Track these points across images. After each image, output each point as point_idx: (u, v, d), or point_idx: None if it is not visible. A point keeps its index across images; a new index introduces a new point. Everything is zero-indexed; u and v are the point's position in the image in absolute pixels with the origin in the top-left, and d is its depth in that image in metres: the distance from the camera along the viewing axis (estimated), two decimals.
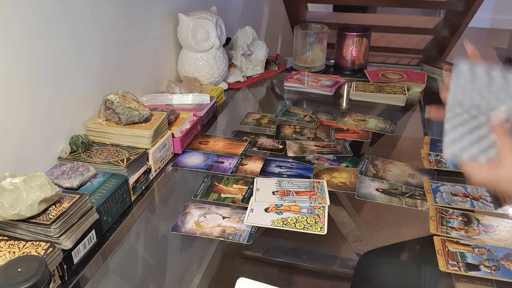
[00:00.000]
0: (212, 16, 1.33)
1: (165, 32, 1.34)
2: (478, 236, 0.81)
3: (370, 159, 1.05)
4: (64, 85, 0.94)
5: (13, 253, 0.66)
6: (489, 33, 4.47)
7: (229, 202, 0.91)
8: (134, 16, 1.17)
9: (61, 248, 0.70)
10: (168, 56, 1.39)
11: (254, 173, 1.01)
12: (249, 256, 0.80)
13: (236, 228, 0.83)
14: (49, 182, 0.71)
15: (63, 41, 0.92)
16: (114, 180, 0.85)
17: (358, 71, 1.62)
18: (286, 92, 1.52)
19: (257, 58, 1.59)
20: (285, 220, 0.84)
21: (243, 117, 1.30)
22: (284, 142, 1.14)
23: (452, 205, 0.89)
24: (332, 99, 1.44)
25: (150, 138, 0.97)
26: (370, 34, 1.61)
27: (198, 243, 0.81)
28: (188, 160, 1.06)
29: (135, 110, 0.98)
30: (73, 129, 0.98)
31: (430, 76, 1.56)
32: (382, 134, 1.19)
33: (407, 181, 0.98)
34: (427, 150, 1.09)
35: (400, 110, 1.35)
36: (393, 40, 3.03)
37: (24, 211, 0.68)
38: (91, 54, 1.02)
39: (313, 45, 1.62)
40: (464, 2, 2.40)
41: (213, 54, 1.35)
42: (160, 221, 0.90)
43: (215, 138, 1.17)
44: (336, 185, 0.96)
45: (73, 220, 0.72)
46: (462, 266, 0.74)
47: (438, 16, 3.42)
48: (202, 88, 1.35)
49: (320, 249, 0.81)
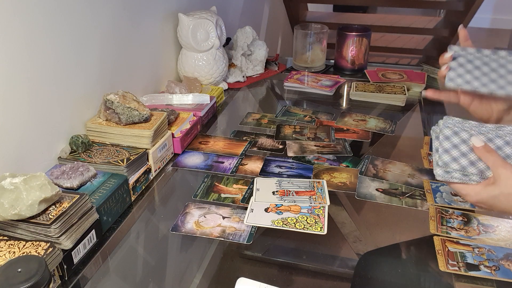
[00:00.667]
0: (212, 16, 1.33)
1: (165, 32, 1.34)
2: (478, 236, 0.81)
3: (370, 159, 1.05)
4: (64, 85, 0.94)
5: (13, 253, 0.66)
6: (489, 33, 4.47)
7: (229, 202, 0.91)
8: (134, 16, 1.17)
9: (61, 248, 0.70)
10: (168, 56, 1.39)
11: (254, 173, 1.01)
12: (249, 256, 0.80)
13: (236, 228, 0.83)
14: (49, 182, 0.71)
15: (63, 41, 0.92)
16: (114, 180, 0.85)
17: (358, 71, 1.62)
18: (286, 92, 1.52)
19: (257, 58, 1.59)
20: (285, 220, 0.84)
21: (243, 117, 1.30)
22: (284, 142, 1.14)
23: (452, 205, 0.89)
24: (332, 99, 1.44)
25: (150, 138, 0.97)
26: (370, 34, 1.61)
27: (198, 243, 0.81)
28: (188, 160, 1.06)
29: (135, 110, 0.98)
30: (73, 129, 0.98)
31: (430, 76, 1.56)
32: (382, 134, 1.19)
33: (407, 181, 0.98)
34: (427, 150, 1.09)
35: (400, 110, 1.35)
36: (393, 40, 3.03)
37: (24, 211, 0.68)
38: (91, 54, 1.02)
39: (313, 45, 1.62)
40: (464, 2, 2.40)
41: (213, 54, 1.35)
42: (160, 221, 0.90)
43: (215, 138, 1.17)
44: (336, 185, 0.96)
45: (73, 220, 0.72)
46: (462, 266, 0.74)
47: (438, 16, 3.42)
48: (202, 88, 1.35)
49: (320, 249, 0.81)
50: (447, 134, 0.65)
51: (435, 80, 1.54)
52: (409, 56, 2.95)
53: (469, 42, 0.70)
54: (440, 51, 2.85)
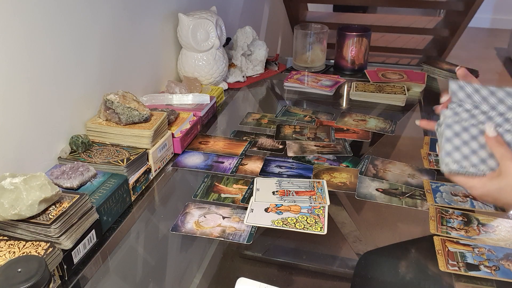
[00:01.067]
0: (212, 16, 1.33)
1: (165, 32, 1.34)
2: (478, 236, 0.81)
3: (370, 159, 1.05)
4: (64, 85, 0.94)
5: (13, 253, 0.66)
6: (489, 33, 4.47)
7: (229, 202, 0.91)
8: (134, 16, 1.17)
9: (61, 248, 0.70)
10: (168, 56, 1.39)
11: (254, 173, 1.01)
12: (249, 256, 0.80)
13: (236, 228, 0.83)
14: (49, 182, 0.71)
15: (63, 41, 0.92)
16: (114, 180, 0.85)
17: (358, 71, 1.62)
18: (286, 92, 1.52)
19: (257, 58, 1.59)
20: (285, 220, 0.84)
21: (243, 117, 1.30)
22: (284, 142, 1.14)
23: (452, 205, 0.89)
24: (332, 99, 1.44)
25: (150, 138, 0.97)
26: (370, 34, 1.61)
27: (198, 243, 0.81)
28: (188, 160, 1.06)
29: (135, 110, 0.98)
30: (73, 129, 0.98)
31: (430, 76, 1.56)
32: (382, 134, 1.19)
33: (407, 181, 0.98)
34: (427, 150, 1.09)
35: (400, 110, 1.35)
36: (393, 40, 3.03)
37: (24, 211, 0.68)
38: (91, 54, 1.02)
39: (313, 45, 1.62)
40: (464, 2, 2.40)
41: (213, 54, 1.35)
42: (160, 221, 0.90)
43: (215, 138, 1.17)
44: (336, 185, 0.96)
45: (73, 220, 0.72)
46: (462, 266, 0.74)
47: (438, 16, 3.43)
48: (202, 88, 1.35)
49: (320, 249, 0.81)
50: (449, 123, 0.65)
51: (435, 80, 1.55)
52: (409, 56, 2.95)
53: (470, 77, 0.69)
54: (440, 51, 2.84)
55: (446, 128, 0.66)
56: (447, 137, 0.65)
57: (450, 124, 0.66)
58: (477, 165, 0.64)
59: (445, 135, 0.66)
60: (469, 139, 0.65)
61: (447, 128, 0.66)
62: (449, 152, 0.65)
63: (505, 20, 4.42)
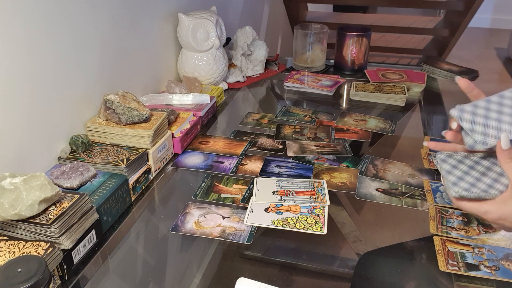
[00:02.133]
0: (212, 16, 1.33)
1: (165, 32, 1.34)
2: (478, 236, 0.81)
3: (370, 159, 1.05)
4: (64, 85, 0.94)
5: (13, 253, 0.66)
6: (489, 33, 4.47)
7: (229, 202, 0.91)
8: (134, 16, 1.17)
9: (61, 248, 0.70)
10: (168, 56, 1.39)
11: (254, 173, 1.01)
12: (249, 256, 0.80)
13: (236, 228, 0.83)
14: (49, 182, 0.71)
15: (63, 41, 0.92)
16: (114, 180, 0.85)
17: (358, 71, 1.62)
18: (286, 92, 1.52)
19: (257, 58, 1.59)
20: (285, 220, 0.84)
21: (243, 117, 1.30)
22: (284, 142, 1.14)
23: (452, 205, 0.89)
24: (332, 99, 1.44)
25: (150, 138, 0.97)
26: (370, 34, 1.61)
27: (198, 243, 0.81)
28: (188, 160, 1.06)
29: (135, 110, 0.98)
30: (73, 129, 0.98)
31: (430, 76, 1.56)
32: (382, 134, 1.19)
33: (407, 181, 0.98)
34: (427, 150, 1.09)
35: (400, 110, 1.35)
36: (393, 40, 3.03)
37: (24, 211, 0.68)
38: (91, 54, 1.02)
39: (313, 45, 1.62)
40: (464, 2, 2.40)
41: (213, 54, 1.35)
42: (160, 221, 0.90)
43: (215, 138, 1.17)
44: (336, 185, 0.96)
45: (73, 220, 0.72)
46: (462, 266, 0.74)
47: (438, 16, 3.43)
48: (202, 88, 1.35)
49: (320, 249, 0.81)
50: (442, 158, 0.66)
51: (435, 80, 1.55)
52: (409, 56, 2.95)
53: (476, 90, 0.66)
54: (440, 51, 2.84)
55: (442, 163, 0.65)
56: (447, 170, 0.64)
57: (443, 159, 0.66)
58: (487, 190, 0.60)
59: (444, 169, 0.65)
60: (468, 169, 0.64)
61: (443, 163, 0.65)
62: (455, 182, 0.63)
63: (505, 20, 4.42)
